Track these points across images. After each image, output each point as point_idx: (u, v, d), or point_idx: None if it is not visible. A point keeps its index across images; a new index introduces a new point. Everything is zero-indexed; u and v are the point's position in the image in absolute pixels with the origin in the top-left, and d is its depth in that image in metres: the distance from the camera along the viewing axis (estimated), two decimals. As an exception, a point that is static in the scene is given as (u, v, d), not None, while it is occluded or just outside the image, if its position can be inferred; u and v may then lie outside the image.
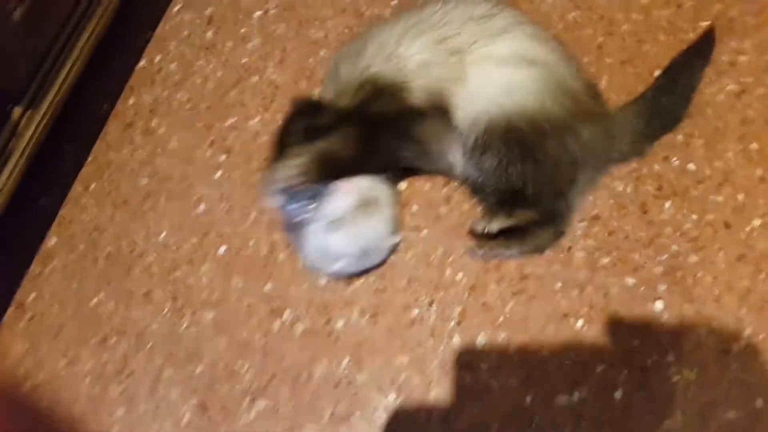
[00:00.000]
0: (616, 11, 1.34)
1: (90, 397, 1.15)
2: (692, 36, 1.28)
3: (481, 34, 1.07)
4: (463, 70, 1.06)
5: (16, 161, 1.13)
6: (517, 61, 1.07)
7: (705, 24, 1.30)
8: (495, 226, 1.09)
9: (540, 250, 1.15)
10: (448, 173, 1.19)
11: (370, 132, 1.11)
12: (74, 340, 1.20)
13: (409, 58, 1.09)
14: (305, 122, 1.13)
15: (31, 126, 1.15)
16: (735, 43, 1.27)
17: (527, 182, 1.07)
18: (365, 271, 1.17)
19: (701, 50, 1.25)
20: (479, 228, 1.10)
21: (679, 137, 1.20)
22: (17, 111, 1.14)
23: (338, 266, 1.12)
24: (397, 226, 1.16)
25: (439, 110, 1.09)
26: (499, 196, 1.10)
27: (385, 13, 1.42)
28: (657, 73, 1.25)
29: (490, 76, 1.06)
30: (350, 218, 1.08)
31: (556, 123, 1.06)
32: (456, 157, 1.13)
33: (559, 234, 1.14)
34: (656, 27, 1.31)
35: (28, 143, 1.15)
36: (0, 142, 1.11)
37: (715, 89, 1.23)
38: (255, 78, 1.39)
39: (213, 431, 1.09)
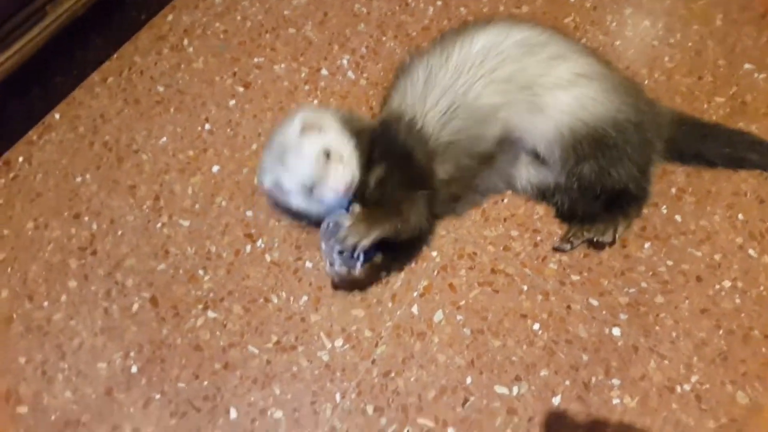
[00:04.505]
0: (641, 66, 1.40)
1: (48, 263, 1.15)
2: (706, 107, 1.34)
3: (543, 66, 1.16)
4: (539, 101, 1.14)
5: (47, 25, 1.15)
6: (580, 80, 1.15)
7: (720, 100, 1.36)
8: (619, 231, 1.18)
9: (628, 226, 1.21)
10: (510, 189, 1.26)
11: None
12: (48, 209, 1.20)
13: (481, 106, 1.14)
14: (404, 178, 1.12)
15: (71, -1, 1.18)
16: (743, 124, 1.32)
17: (630, 179, 1.16)
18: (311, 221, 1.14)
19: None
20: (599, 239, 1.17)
21: (673, 190, 1.24)
22: (63, -21, 1.17)
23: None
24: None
25: (507, 143, 1.17)
26: (605, 200, 1.17)
27: (428, 8, 1.48)
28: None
29: (563, 99, 1.14)
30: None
31: (631, 116, 1.15)
32: (522, 173, 1.22)
33: (643, 204, 1.22)
34: (675, 90, 1.37)
35: (63, 13, 1.17)
36: (39, 2, 1.13)
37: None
38: (292, 30, 1.44)
39: (157, 327, 1.09)
